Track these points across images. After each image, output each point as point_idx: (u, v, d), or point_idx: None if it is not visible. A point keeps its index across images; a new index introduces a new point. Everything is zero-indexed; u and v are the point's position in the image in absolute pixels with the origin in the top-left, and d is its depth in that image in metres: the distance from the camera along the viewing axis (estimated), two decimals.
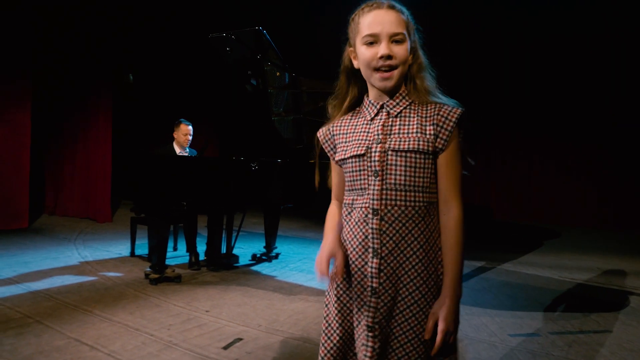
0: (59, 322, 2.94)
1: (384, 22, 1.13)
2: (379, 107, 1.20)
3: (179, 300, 3.49)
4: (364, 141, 1.18)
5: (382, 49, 1.12)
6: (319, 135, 1.32)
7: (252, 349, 2.67)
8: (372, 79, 1.17)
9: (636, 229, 7.82)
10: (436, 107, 1.16)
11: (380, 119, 1.19)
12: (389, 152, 1.14)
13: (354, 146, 1.19)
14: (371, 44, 1.14)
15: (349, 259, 1.20)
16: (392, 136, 1.15)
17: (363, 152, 1.16)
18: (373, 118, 1.20)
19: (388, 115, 1.18)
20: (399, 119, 1.17)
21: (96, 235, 6.15)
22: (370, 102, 1.22)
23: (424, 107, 1.18)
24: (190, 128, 4.81)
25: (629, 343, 2.94)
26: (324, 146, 1.31)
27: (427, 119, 1.16)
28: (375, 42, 1.14)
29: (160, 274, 3.94)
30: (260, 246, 5.40)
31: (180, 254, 5.11)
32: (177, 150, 4.82)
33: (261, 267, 4.71)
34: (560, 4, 7.98)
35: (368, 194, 1.16)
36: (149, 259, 4.58)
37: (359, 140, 1.19)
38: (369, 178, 1.16)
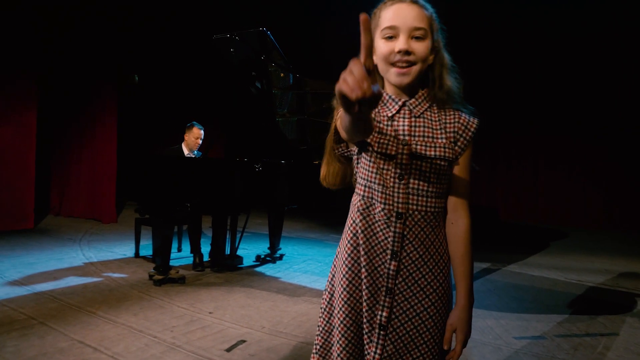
0: (63, 323, 2.95)
1: (405, 16, 1.08)
2: (400, 104, 1.15)
3: (182, 302, 3.49)
4: (390, 139, 1.12)
5: (400, 43, 1.08)
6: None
7: (255, 351, 2.66)
8: (389, 74, 1.12)
9: None
10: (455, 114, 1.16)
11: (404, 118, 1.14)
12: (416, 157, 1.11)
13: (382, 143, 1.12)
14: (390, 37, 1.09)
15: (363, 257, 1.16)
16: (416, 138, 1.12)
17: (394, 153, 1.11)
18: (394, 115, 1.15)
19: (411, 114, 1.15)
20: (422, 119, 1.14)
21: (101, 236, 6.16)
22: (391, 97, 1.16)
23: (442, 111, 1.16)
24: (202, 132, 4.86)
25: (635, 346, 2.90)
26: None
27: (447, 125, 1.15)
28: (395, 37, 1.09)
29: (164, 275, 3.94)
30: (264, 247, 5.39)
31: (185, 254, 5.11)
32: (186, 152, 4.84)
33: (265, 268, 4.70)
34: (567, 4, 7.93)
35: (391, 195, 1.12)
36: (153, 260, 4.59)
37: (384, 136, 1.13)
38: (393, 179, 1.12)
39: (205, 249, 4.78)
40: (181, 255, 5.10)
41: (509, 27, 8.49)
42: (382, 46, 1.11)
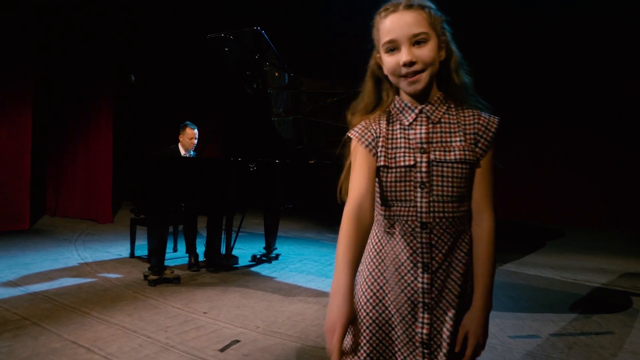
0: (56, 324, 2.93)
1: (402, 26, 1.05)
2: (417, 112, 1.12)
3: (177, 302, 3.48)
4: (408, 149, 1.10)
5: (403, 55, 1.06)
6: (356, 134, 1.16)
7: (249, 351, 2.65)
8: (401, 85, 1.11)
9: None
10: (475, 114, 1.13)
11: (421, 125, 1.11)
12: (435, 163, 1.08)
13: (400, 155, 1.10)
14: (392, 50, 1.08)
15: (393, 275, 1.12)
16: (434, 144, 1.10)
17: (412, 163, 1.09)
18: (411, 123, 1.12)
19: (428, 120, 1.12)
20: (439, 125, 1.11)
21: (96, 236, 6.15)
22: (407, 105, 1.14)
23: (461, 112, 1.13)
24: (195, 132, 4.84)
25: (630, 345, 2.90)
26: (367, 147, 1.13)
27: (467, 126, 1.12)
28: (396, 49, 1.07)
29: (159, 275, 3.93)
30: (260, 247, 5.38)
31: (180, 255, 5.10)
32: (182, 152, 4.83)
33: (261, 268, 4.69)
34: (572, 4, 7.92)
35: (414, 206, 1.09)
36: (148, 260, 4.57)
37: (402, 149, 1.11)
38: (415, 190, 1.09)
39: (201, 249, 4.77)
40: (177, 255, 5.09)
41: (507, 26, 8.49)
42: (387, 60, 1.10)
